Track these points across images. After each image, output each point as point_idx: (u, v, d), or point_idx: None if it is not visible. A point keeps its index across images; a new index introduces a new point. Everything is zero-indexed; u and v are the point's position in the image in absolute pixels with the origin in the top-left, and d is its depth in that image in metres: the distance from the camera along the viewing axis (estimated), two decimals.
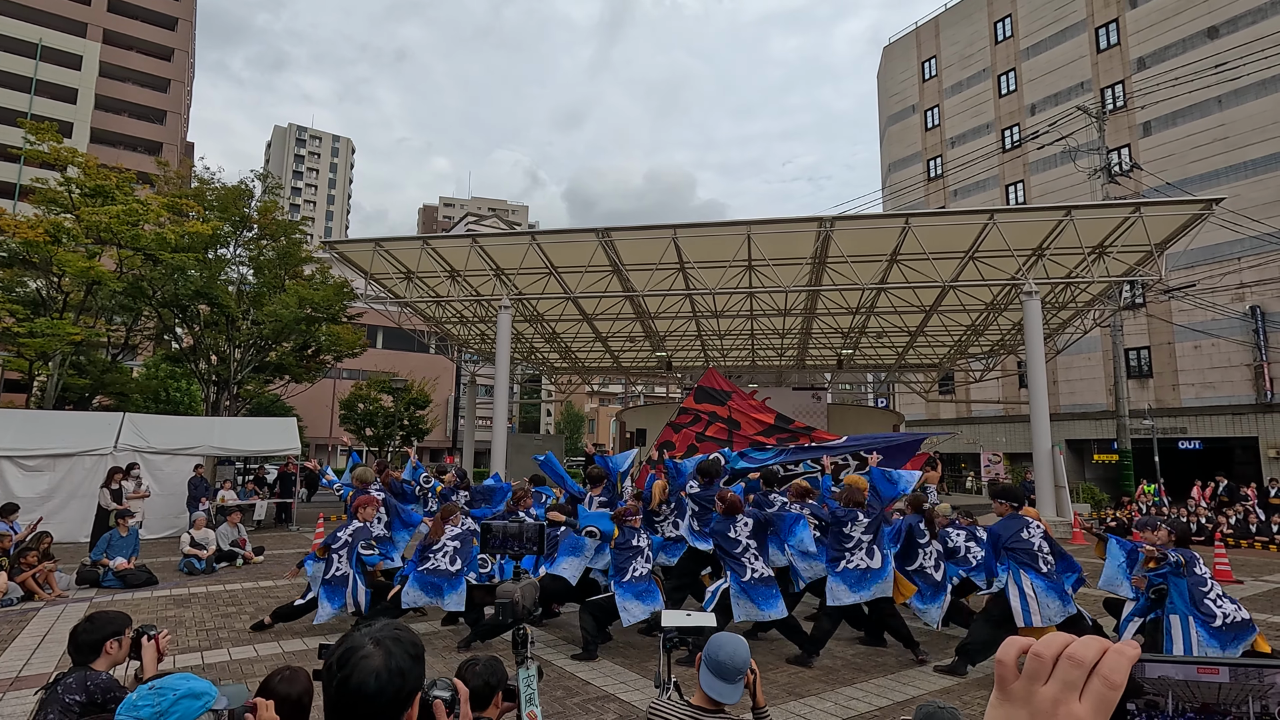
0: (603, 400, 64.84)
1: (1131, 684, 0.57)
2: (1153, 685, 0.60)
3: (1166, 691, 0.59)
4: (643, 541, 6.83)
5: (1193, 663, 0.59)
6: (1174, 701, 0.59)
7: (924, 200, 37.27)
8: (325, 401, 38.52)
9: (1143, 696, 0.60)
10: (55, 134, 19.01)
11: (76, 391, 21.61)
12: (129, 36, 46.01)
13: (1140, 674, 0.59)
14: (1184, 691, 0.59)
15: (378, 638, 1.38)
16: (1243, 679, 0.58)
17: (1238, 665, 0.59)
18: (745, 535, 6.50)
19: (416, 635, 1.55)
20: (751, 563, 6.40)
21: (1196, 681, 0.59)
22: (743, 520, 6.55)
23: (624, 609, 6.44)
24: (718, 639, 2.73)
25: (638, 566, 6.63)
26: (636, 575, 6.59)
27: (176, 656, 6.29)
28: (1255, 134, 25.42)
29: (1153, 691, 0.60)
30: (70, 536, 13.00)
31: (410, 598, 6.86)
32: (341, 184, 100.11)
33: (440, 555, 7.00)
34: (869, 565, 6.41)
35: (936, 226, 14.21)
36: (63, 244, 17.51)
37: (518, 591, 2.46)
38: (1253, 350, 24.95)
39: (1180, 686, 0.59)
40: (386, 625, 1.44)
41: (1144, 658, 0.59)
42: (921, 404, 34.22)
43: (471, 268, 16.23)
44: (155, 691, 2.03)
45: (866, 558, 6.43)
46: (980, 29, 35.98)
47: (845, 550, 6.48)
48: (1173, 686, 0.59)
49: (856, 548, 6.47)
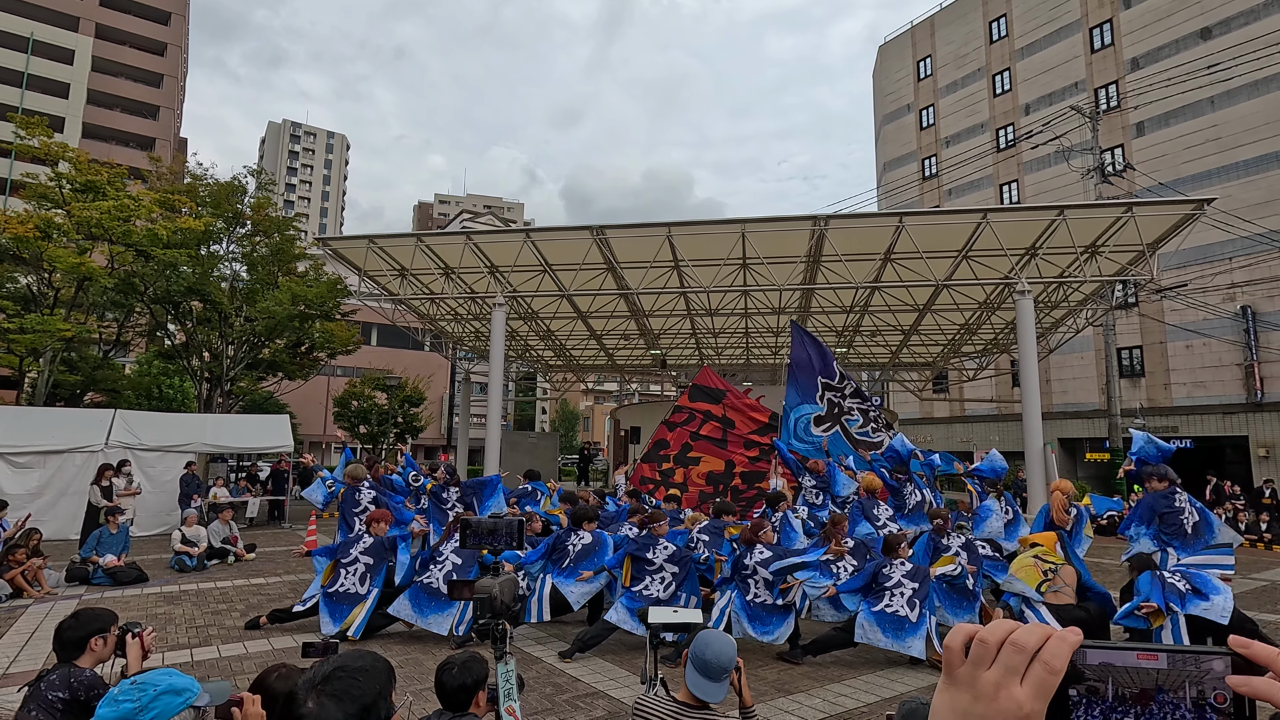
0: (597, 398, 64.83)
1: (1072, 670, 0.58)
2: (1094, 671, 0.60)
3: (1107, 677, 0.60)
4: (660, 556, 6.62)
5: (1133, 649, 0.60)
6: (1114, 687, 0.60)
7: (919, 199, 37.35)
8: (319, 399, 38.39)
9: (1084, 682, 0.61)
10: (46, 129, 18.89)
11: (67, 388, 21.50)
12: (122, 31, 45.69)
13: (1081, 660, 0.60)
14: (1124, 677, 0.60)
15: (319, 688, 1.33)
16: (1180, 665, 0.59)
17: (1176, 652, 0.60)
18: (758, 562, 6.50)
19: (370, 665, 1.46)
20: (758, 587, 6.42)
21: (1136, 667, 0.60)
22: (760, 549, 6.59)
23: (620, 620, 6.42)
24: (704, 637, 2.70)
25: (651, 584, 6.51)
26: (646, 593, 6.50)
27: (166, 653, 6.27)
28: (1247, 135, 25.55)
29: (1094, 677, 0.61)
30: (60, 534, 12.95)
31: (398, 608, 6.75)
32: (336, 180, 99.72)
33: (438, 570, 6.95)
34: (906, 614, 6.09)
35: (930, 225, 14.25)
36: (53, 239, 17.41)
37: (496, 587, 2.47)
38: (1243, 350, 25.10)
39: (1120, 672, 0.60)
40: (334, 668, 1.38)
41: (1085, 644, 0.60)
42: (915, 403, 34.33)
43: (466, 265, 16.19)
44: (136, 686, 2.04)
45: (906, 606, 6.11)
46: (975, 29, 36.05)
47: (885, 589, 6.25)
48: (1113, 672, 0.60)
49: (897, 588, 6.19)
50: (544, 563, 6.97)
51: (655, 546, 6.66)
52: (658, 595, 6.46)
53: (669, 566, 6.58)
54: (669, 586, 6.52)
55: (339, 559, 7.03)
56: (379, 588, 6.96)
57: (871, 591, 6.27)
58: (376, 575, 7.01)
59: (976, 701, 0.57)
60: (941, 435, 35.16)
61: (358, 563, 7.00)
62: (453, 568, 6.86)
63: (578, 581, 6.80)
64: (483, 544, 2.84)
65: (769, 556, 6.54)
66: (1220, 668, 0.58)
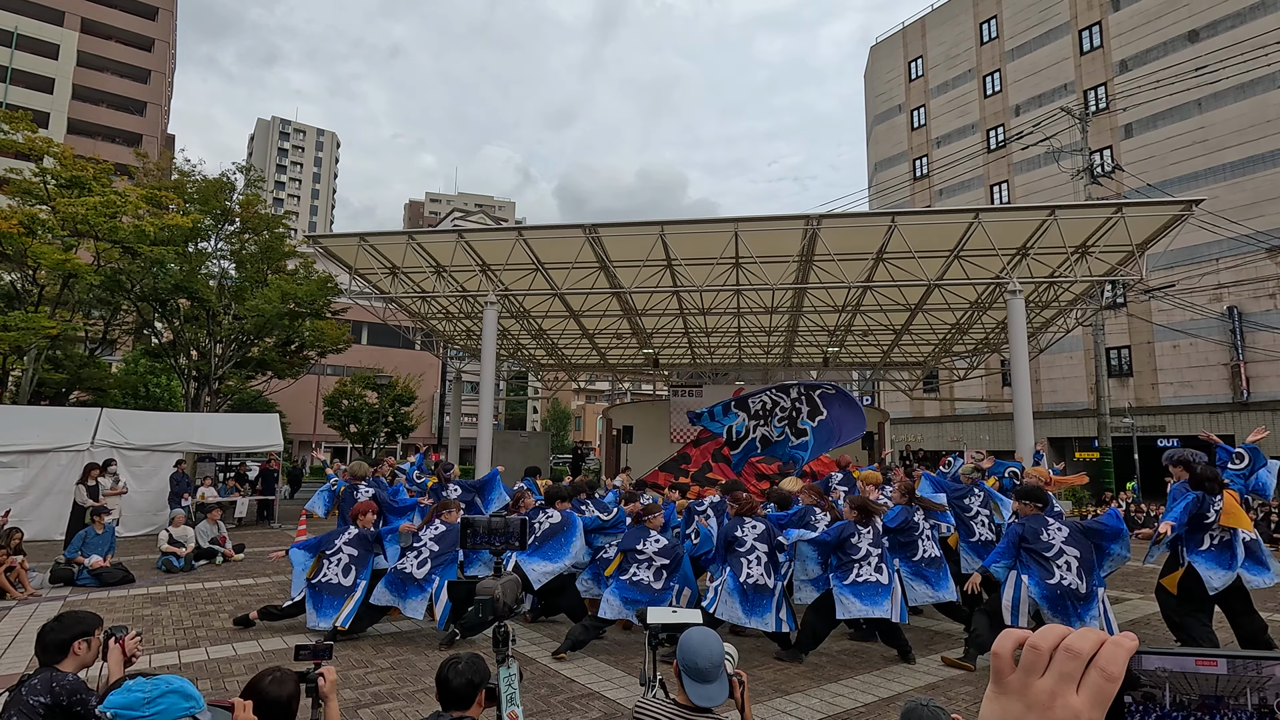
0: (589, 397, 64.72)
1: (1129, 676, 0.56)
2: (1150, 677, 0.58)
3: (1164, 683, 0.58)
4: (650, 548, 6.55)
5: (1191, 654, 0.58)
6: (1171, 693, 0.57)
7: (910, 199, 37.52)
8: (309, 397, 38.13)
9: (1140, 689, 0.58)
10: (30, 124, 18.62)
11: (53, 386, 21.22)
12: (108, 26, 45.20)
13: (1138, 666, 0.57)
14: (1181, 684, 0.57)
15: None
16: (1241, 671, 0.56)
17: (1236, 657, 0.57)
18: (753, 538, 6.39)
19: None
20: (750, 566, 6.28)
21: (1194, 673, 0.57)
22: (751, 523, 6.49)
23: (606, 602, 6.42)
24: (687, 643, 2.58)
25: (639, 570, 6.48)
26: (635, 580, 6.46)
27: (153, 656, 6.18)
28: (1233, 137, 25.83)
29: (1150, 684, 0.58)
30: (45, 534, 12.77)
31: (378, 595, 6.75)
32: (326, 178, 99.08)
33: (412, 557, 6.90)
34: (878, 580, 6.14)
35: (922, 225, 14.29)
36: (38, 236, 17.17)
37: (499, 588, 2.42)
38: (1230, 350, 25.37)
39: (1178, 678, 0.57)
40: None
41: (1142, 649, 0.57)
42: (907, 402, 34.50)
43: (458, 263, 16.11)
44: (150, 680, 2.08)
45: (875, 572, 6.18)
46: (966, 30, 36.25)
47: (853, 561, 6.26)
48: (1170, 678, 0.58)
49: (865, 560, 6.22)
50: None
51: (646, 539, 6.62)
52: (648, 582, 6.39)
53: (658, 559, 6.53)
54: (661, 575, 6.47)
55: (323, 550, 6.97)
56: (366, 580, 6.90)
57: (840, 565, 6.26)
58: (363, 568, 6.95)
59: (1030, 710, 0.55)
60: (932, 434, 35.36)
61: (341, 553, 6.94)
62: (429, 555, 6.82)
63: (542, 560, 6.78)
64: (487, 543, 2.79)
65: (761, 530, 6.40)
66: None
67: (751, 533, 6.39)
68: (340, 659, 6.16)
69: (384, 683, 5.60)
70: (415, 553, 6.88)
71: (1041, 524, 5.87)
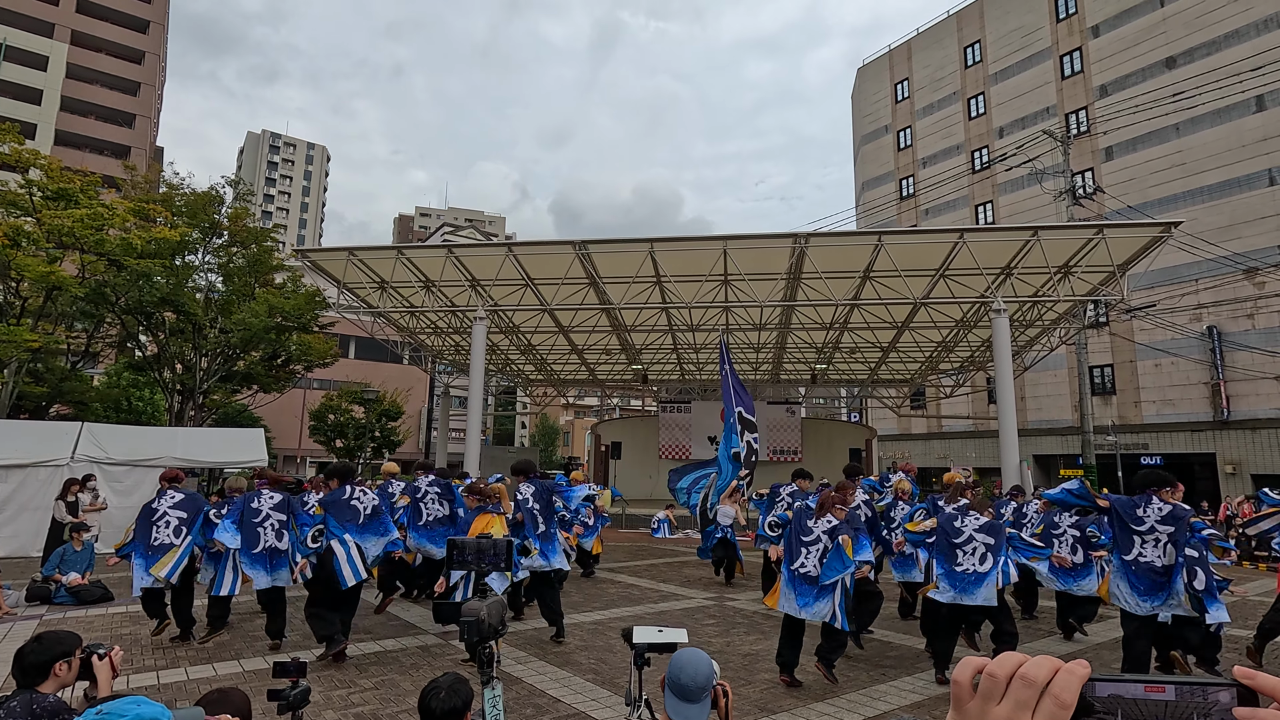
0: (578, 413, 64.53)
1: (1082, 703, 0.58)
2: (1103, 704, 0.60)
3: (1116, 710, 0.60)
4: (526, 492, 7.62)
5: (1140, 681, 0.60)
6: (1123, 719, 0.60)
7: (896, 219, 37.99)
8: (295, 412, 37.75)
9: (1093, 715, 0.60)
10: (17, 135, 18.53)
11: (33, 400, 20.92)
12: (99, 39, 45.11)
13: (1091, 693, 0.60)
14: (1133, 710, 0.60)
15: None
16: (1188, 697, 0.59)
17: (1183, 684, 0.60)
18: (822, 530, 6.33)
19: None
20: (806, 556, 6.25)
21: (1145, 699, 0.60)
22: (827, 519, 6.46)
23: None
24: (677, 660, 2.60)
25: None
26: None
27: (130, 676, 6.07)
28: (1210, 160, 26.42)
29: (1103, 710, 0.60)
30: (22, 551, 12.54)
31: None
32: (316, 192, 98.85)
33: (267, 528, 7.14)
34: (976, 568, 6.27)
35: (908, 244, 14.50)
36: (22, 248, 17.01)
37: (484, 610, 2.42)
38: (1210, 369, 25.77)
39: (1129, 705, 0.60)
40: None
41: (1094, 676, 0.59)
42: (894, 419, 34.69)
43: (447, 278, 16.12)
44: (102, 716, 1.97)
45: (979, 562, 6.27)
46: (951, 53, 36.97)
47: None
48: (1122, 705, 0.60)
49: (968, 544, 6.32)
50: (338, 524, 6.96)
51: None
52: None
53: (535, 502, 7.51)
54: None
55: (150, 520, 7.24)
56: (195, 538, 7.25)
57: (943, 548, 6.40)
58: (191, 527, 7.28)
59: None
60: (919, 451, 35.53)
61: (168, 517, 7.23)
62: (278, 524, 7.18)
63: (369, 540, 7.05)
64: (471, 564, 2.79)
65: (835, 525, 6.33)
66: (1227, 699, 0.58)
67: (824, 525, 6.37)
68: (323, 679, 6.09)
69: (367, 703, 5.53)
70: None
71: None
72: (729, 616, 8.97)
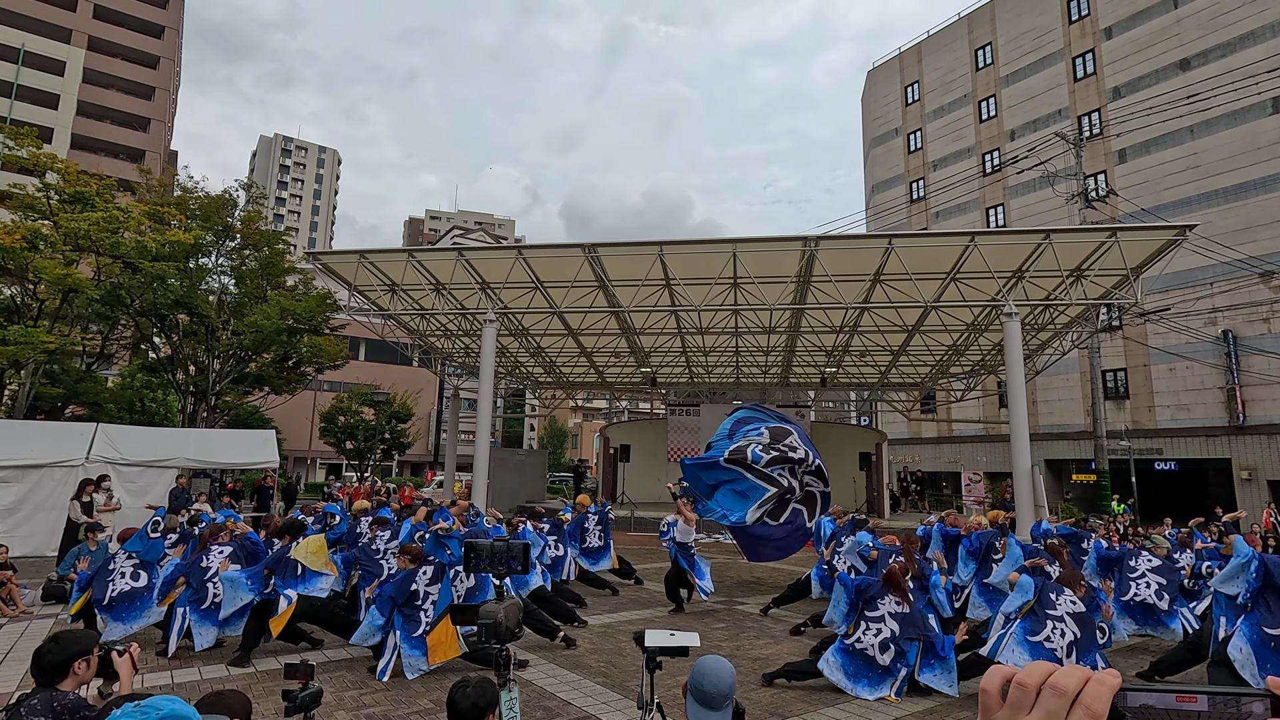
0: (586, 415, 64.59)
1: (1113, 713, 0.58)
2: (1135, 714, 0.60)
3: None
4: None
5: (1172, 691, 0.60)
6: None
7: (906, 221, 37.83)
8: (305, 413, 37.98)
9: None
10: (35, 139, 18.77)
11: (49, 401, 21.17)
12: (114, 44, 45.66)
13: (1122, 703, 0.60)
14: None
15: None
16: (1220, 707, 0.59)
17: (1215, 694, 0.59)
18: (889, 610, 6.15)
19: None
20: (864, 632, 6.06)
21: (1176, 709, 0.60)
22: (895, 599, 6.24)
23: None
24: (701, 667, 2.61)
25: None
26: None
27: (145, 675, 6.12)
28: (1225, 163, 26.16)
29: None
30: (38, 550, 12.66)
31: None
32: (327, 195, 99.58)
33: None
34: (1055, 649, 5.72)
35: (919, 247, 14.42)
36: (40, 250, 17.23)
37: (501, 612, 2.43)
38: (1225, 373, 25.48)
39: (1160, 715, 0.60)
40: None
41: (1125, 686, 0.59)
42: (904, 423, 34.49)
43: (457, 281, 16.18)
44: (140, 709, 2.00)
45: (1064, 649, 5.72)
46: (961, 56, 36.81)
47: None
48: (1153, 715, 0.60)
49: (1058, 622, 5.74)
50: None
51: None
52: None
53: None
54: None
55: (107, 565, 7.22)
56: (155, 577, 7.24)
57: (1031, 614, 5.82)
58: (150, 569, 7.36)
59: None
60: (929, 455, 35.32)
61: (127, 564, 7.25)
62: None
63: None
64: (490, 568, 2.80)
65: (901, 612, 6.06)
66: (1260, 710, 0.58)
67: (890, 608, 6.14)
68: (336, 681, 6.12)
69: (379, 704, 5.56)
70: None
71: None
72: (738, 620, 8.94)
